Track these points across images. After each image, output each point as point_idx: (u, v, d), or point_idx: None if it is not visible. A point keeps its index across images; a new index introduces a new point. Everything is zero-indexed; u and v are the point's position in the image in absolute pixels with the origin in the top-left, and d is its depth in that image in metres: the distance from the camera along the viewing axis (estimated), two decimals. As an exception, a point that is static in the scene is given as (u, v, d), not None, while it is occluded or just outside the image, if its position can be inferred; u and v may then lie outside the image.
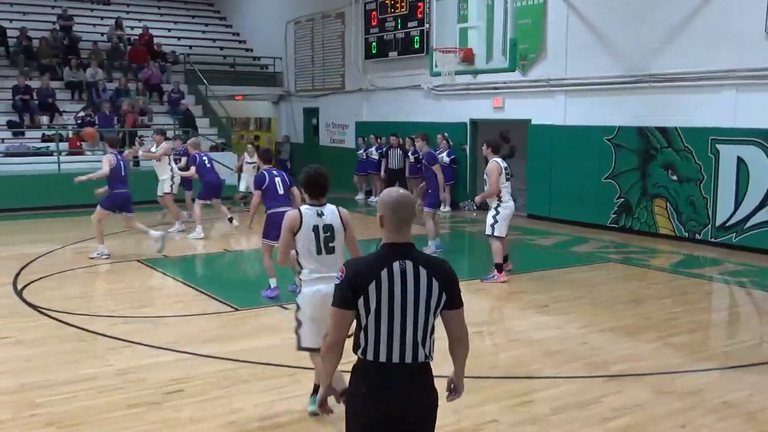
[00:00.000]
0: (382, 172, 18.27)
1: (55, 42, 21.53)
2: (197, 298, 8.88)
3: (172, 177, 13.66)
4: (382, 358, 3.17)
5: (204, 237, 13.07)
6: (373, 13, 19.72)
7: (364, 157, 19.05)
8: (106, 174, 10.88)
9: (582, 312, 8.30)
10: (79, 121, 18.95)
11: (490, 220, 9.66)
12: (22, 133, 18.45)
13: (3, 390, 5.84)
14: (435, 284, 3.19)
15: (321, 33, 22.65)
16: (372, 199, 18.41)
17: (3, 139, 18.06)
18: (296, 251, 5.11)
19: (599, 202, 14.14)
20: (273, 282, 8.77)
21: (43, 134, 18.50)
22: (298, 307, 5.16)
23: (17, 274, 10.00)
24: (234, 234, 13.73)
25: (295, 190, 8.60)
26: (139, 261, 11.03)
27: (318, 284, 5.01)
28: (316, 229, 5.02)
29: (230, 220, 13.38)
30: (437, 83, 17.04)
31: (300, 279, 5.17)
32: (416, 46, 18.33)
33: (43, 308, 8.29)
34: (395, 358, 3.16)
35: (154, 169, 14.02)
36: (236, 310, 8.32)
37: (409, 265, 3.18)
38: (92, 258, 11.05)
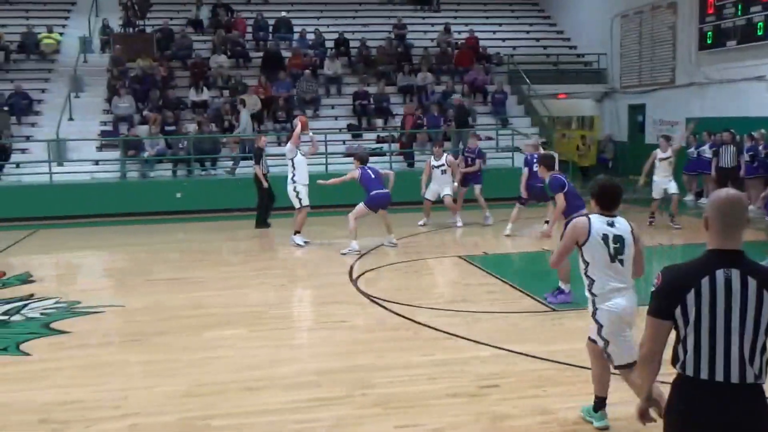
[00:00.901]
0: (713, 171, 16.92)
1: (391, 50, 23.17)
2: (515, 296, 8.99)
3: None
4: (704, 375, 2.92)
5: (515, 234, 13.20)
6: (710, 0, 18.33)
7: (695, 156, 17.79)
8: (346, 180, 12.11)
9: None
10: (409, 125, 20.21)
11: None
12: (360, 135, 20.15)
13: (339, 369, 6.45)
14: (767, 297, 2.87)
15: (650, 25, 21.60)
16: (702, 200, 17.14)
17: (344, 141, 19.88)
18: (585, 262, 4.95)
19: None
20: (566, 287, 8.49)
21: (378, 136, 20.03)
22: (600, 325, 4.96)
23: (352, 265, 10.96)
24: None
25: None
26: (459, 257, 11.46)
27: (615, 297, 4.85)
28: (605, 238, 4.83)
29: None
30: (784, 73, 15.35)
31: (592, 294, 4.99)
32: (759, 33, 16.67)
33: (375, 297, 8.99)
34: (719, 376, 2.90)
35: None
36: (554, 310, 8.28)
37: (735, 274, 2.89)
38: (343, 254, 11.71)
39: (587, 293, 5.04)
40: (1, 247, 13.16)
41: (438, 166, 14.22)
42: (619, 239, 4.84)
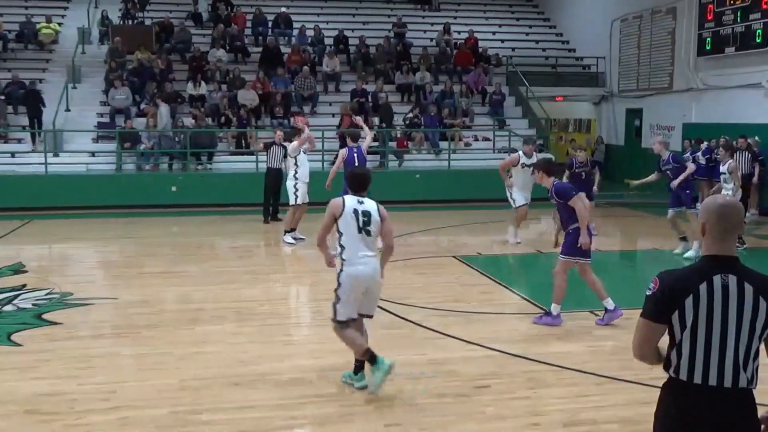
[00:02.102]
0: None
1: (390, 48, 23.15)
2: (508, 297, 9.00)
3: None
4: (697, 379, 2.93)
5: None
6: (710, 6, 18.35)
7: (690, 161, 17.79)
8: (339, 163, 12.13)
9: None
10: (407, 122, 20.20)
11: None
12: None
13: (331, 367, 6.43)
14: (763, 304, 2.88)
15: (649, 30, 21.62)
16: (697, 206, 17.15)
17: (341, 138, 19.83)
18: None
19: None
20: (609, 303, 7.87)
21: (375, 134, 19.99)
22: (339, 284, 5.78)
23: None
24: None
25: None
26: (453, 257, 11.46)
27: (359, 265, 5.72)
28: (356, 213, 5.77)
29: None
30: (781, 81, 15.37)
31: (342, 259, 5.80)
32: (758, 40, 16.70)
33: (368, 295, 8.96)
34: (712, 381, 2.91)
35: None
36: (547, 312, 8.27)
37: (732, 279, 2.90)
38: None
39: (339, 258, 5.86)
40: (-5, 237, 13.12)
41: (530, 165, 12.02)
42: (366, 214, 5.81)
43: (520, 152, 12.66)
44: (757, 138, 15.63)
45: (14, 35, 21.66)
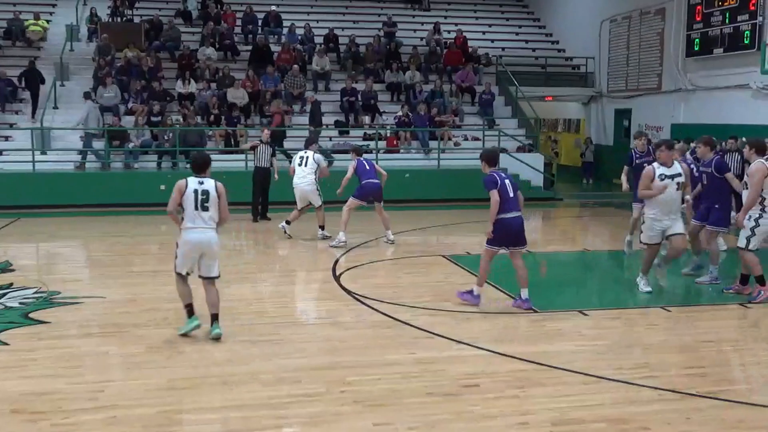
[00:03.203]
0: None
1: (380, 47, 23.14)
2: (498, 297, 9.00)
3: None
4: None
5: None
6: (698, 7, 18.46)
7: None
8: (349, 175, 12.13)
9: None
10: (396, 121, 20.20)
11: (746, 231, 8.53)
12: (347, 132, 20.11)
13: (320, 365, 6.43)
14: None
15: (638, 30, 21.73)
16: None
17: (330, 137, 19.83)
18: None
19: None
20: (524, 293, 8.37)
21: (365, 133, 20.00)
22: (177, 244, 7.14)
23: (336, 261, 10.94)
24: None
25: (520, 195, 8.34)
26: (443, 256, 11.47)
27: (191, 233, 7.08)
28: (196, 192, 7.03)
29: None
30: (769, 82, 15.48)
31: (181, 229, 7.10)
32: (746, 41, 16.82)
33: (357, 294, 8.98)
34: None
35: None
36: (535, 311, 8.30)
37: None
38: (332, 246, 11.91)
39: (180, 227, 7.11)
40: (-18, 235, 13.02)
41: (672, 177, 8.78)
42: (205, 193, 7.05)
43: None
44: (744, 139, 15.70)
45: (2, 32, 21.53)
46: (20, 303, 8.42)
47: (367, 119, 20.58)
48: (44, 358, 6.62)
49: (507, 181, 8.31)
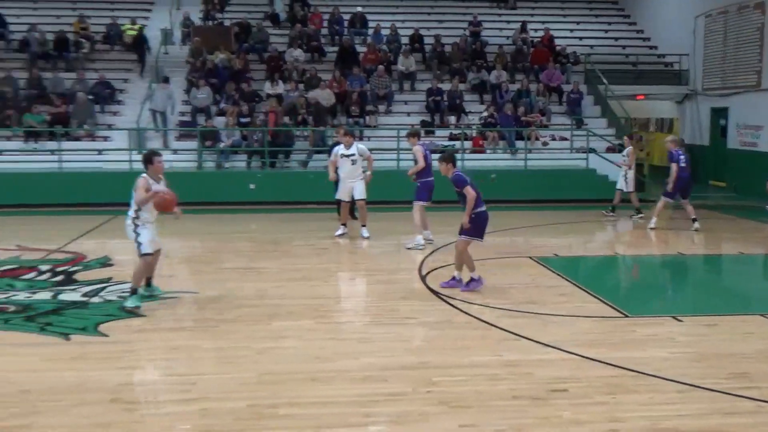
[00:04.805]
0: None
1: (465, 47, 23.03)
2: (586, 300, 8.83)
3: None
4: None
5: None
6: (801, 0, 17.64)
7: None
8: (420, 161, 11.94)
9: None
10: (482, 121, 20.05)
11: None
12: (432, 132, 20.09)
13: (406, 365, 6.44)
14: None
15: (736, 25, 20.89)
16: None
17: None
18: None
19: None
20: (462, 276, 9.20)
21: (450, 133, 19.94)
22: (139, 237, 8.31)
23: (422, 262, 10.94)
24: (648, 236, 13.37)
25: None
26: (530, 257, 11.32)
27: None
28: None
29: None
30: None
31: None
32: None
33: (443, 295, 8.95)
34: None
35: None
36: (626, 316, 8.10)
37: None
38: (409, 248, 11.81)
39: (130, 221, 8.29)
40: (82, 231, 13.62)
41: None
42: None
43: None
44: None
45: (101, 36, 22.44)
46: (119, 296, 8.75)
47: (452, 119, 20.51)
48: (140, 350, 6.88)
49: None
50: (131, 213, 8.40)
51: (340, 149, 12.83)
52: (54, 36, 21.47)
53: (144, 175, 8.52)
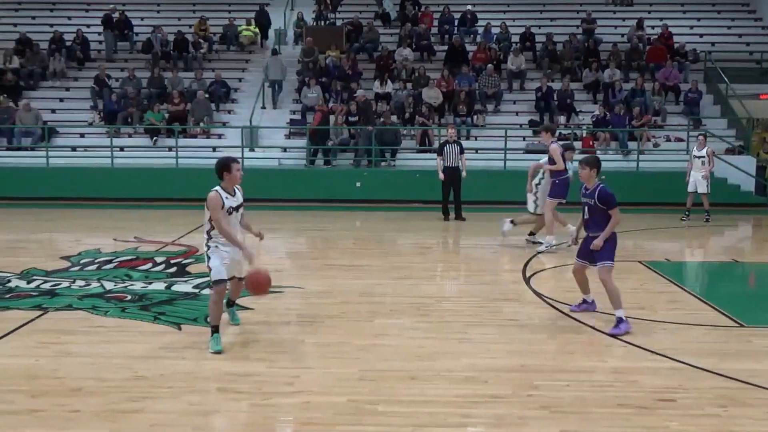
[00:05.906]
0: None
1: (578, 45, 22.52)
2: (698, 307, 8.48)
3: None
4: None
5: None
6: None
7: None
8: (560, 161, 11.40)
9: None
10: (593, 120, 19.56)
11: None
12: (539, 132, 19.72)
13: (507, 368, 6.37)
14: None
15: None
16: None
17: (524, 137, 19.58)
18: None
19: None
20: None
21: (560, 133, 19.52)
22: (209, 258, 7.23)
23: (527, 263, 10.79)
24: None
25: None
26: (640, 262, 10.97)
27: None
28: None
29: None
30: None
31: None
32: None
33: (547, 297, 8.80)
34: None
35: None
36: (741, 326, 7.72)
37: None
38: (541, 252, 11.49)
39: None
40: (196, 225, 14.15)
41: None
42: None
43: None
44: None
45: (218, 37, 23.28)
46: (228, 289, 9.02)
47: (562, 119, 20.10)
48: (247, 342, 7.09)
49: None
50: (205, 231, 7.45)
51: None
52: (174, 37, 22.44)
53: (217, 188, 7.48)
